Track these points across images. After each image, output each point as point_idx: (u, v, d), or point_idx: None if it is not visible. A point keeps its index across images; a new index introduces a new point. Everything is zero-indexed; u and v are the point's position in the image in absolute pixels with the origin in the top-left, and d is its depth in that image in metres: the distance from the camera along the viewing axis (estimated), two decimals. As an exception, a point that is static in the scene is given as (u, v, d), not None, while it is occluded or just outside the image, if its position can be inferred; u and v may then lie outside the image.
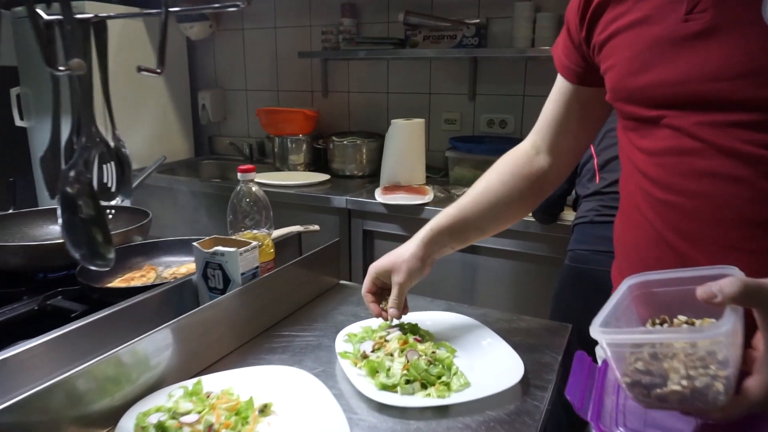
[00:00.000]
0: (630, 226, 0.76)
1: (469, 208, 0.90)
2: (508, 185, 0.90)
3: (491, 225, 0.93)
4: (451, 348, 0.87)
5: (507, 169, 0.92)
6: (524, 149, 0.93)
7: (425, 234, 0.89)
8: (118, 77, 2.50)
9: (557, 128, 0.88)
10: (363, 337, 0.89)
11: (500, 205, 0.90)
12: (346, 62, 2.54)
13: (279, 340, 0.94)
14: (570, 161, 0.93)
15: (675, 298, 0.58)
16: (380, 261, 0.90)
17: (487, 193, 0.90)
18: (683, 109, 0.64)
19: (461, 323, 0.96)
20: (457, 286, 1.95)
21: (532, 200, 0.95)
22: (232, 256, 0.90)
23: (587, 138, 0.91)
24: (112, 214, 1.52)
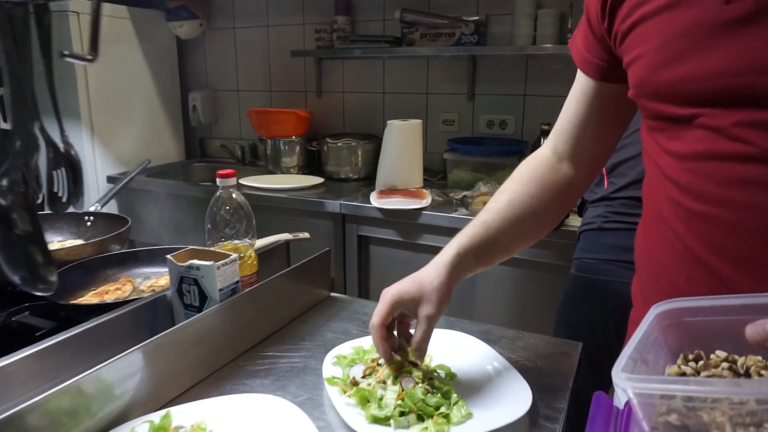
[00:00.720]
0: (656, 240, 0.68)
1: (496, 226, 0.79)
2: (535, 197, 0.80)
3: (519, 243, 0.82)
4: (451, 372, 0.79)
5: (531, 179, 0.82)
6: (545, 156, 0.83)
7: (451, 258, 0.76)
8: (107, 77, 2.43)
9: (579, 132, 0.79)
10: (353, 360, 0.80)
11: (529, 219, 0.80)
12: (340, 61, 2.46)
13: (262, 362, 0.86)
14: (595, 168, 0.83)
15: (712, 328, 0.50)
16: (402, 287, 0.75)
17: (513, 207, 0.79)
18: (721, 107, 0.55)
19: (462, 342, 0.88)
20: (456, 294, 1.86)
21: (559, 213, 0.85)
22: (208, 271, 0.82)
23: (612, 141, 0.81)
24: (90, 221, 1.44)
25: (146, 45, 2.56)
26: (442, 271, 0.75)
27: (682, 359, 0.49)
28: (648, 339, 0.50)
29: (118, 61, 2.45)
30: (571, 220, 1.59)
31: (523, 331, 0.95)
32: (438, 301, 0.73)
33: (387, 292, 0.75)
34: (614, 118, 0.77)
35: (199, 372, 0.81)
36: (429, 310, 0.73)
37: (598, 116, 0.78)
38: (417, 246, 1.86)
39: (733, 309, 0.47)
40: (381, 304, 0.75)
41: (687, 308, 0.52)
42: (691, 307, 0.51)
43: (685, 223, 0.61)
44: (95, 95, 2.36)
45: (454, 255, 0.76)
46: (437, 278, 0.74)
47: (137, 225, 2.53)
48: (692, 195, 0.60)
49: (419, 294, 0.74)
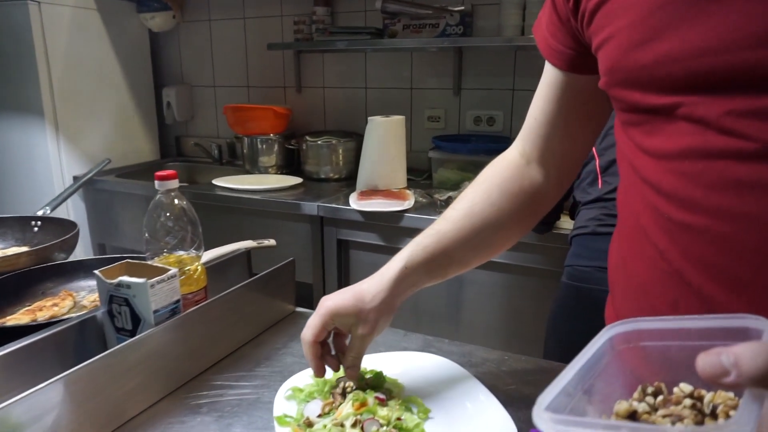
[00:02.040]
0: (634, 257, 0.57)
1: (451, 237, 0.70)
2: (496, 206, 0.71)
3: (476, 255, 0.74)
4: (425, 407, 0.67)
5: (494, 186, 0.72)
6: (512, 159, 0.74)
7: (397, 272, 0.68)
8: (73, 71, 2.29)
9: (547, 131, 0.70)
10: (311, 393, 0.69)
11: (488, 231, 0.71)
12: (320, 55, 2.34)
13: (206, 394, 0.74)
14: (569, 170, 0.74)
15: (680, 355, 0.39)
16: (339, 300, 0.68)
17: (471, 217, 0.71)
18: (710, 93, 0.45)
19: (439, 369, 0.76)
20: (441, 302, 1.75)
21: (526, 222, 0.75)
22: (140, 289, 0.70)
23: (588, 140, 0.71)
24: (38, 226, 1.31)
25: (116, 38, 2.43)
26: (385, 286, 0.68)
27: (640, 392, 0.39)
28: (596, 366, 0.39)
29: (84, 54, 2.31)
30: (563, 222, 1.48)
31: (509, 353, 0.84)
32: (374, 322, 0.67)
33: (323, 305, 0.68)
34: (587, 114, 0.68)
35: (128, 409, 0.69)
36: (363, 330, 0.67)
37: (568, 113, 0.68)
38: (398, 251, 1.74)
39: (705, 332, 0.37)
40: (315, 318, 0.68)
41: (648, 330, 0.41)
42: (654, 330, 0.41)
43: (670, 237, 0.51)
44: (60, 90, 2.23)
45: (401, 269, 0.69)
46: (378, 295, 0.67)
47: (110, 229, 2.42)
48: (677, 202, 0.49)
49: (356, 311, 0.67)
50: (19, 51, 2.14)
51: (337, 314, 0.67)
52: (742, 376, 0.30)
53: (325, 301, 0.68)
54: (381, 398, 0.65)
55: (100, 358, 0.65)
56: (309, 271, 1.89)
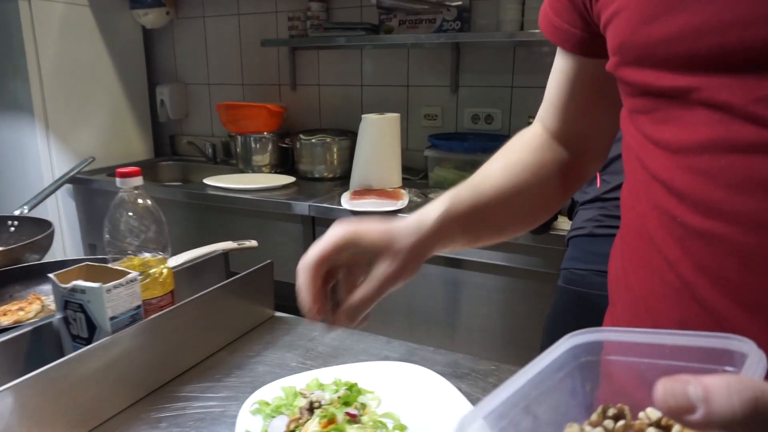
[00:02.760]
0: (638, 267, 0.51)
1: (488, 195, 0.60)
2: (532, 170, 0.62)
3: (511, 221, 0.64)
4: (401, 424, 0.62)
5: (527, 150, 0.65)
6: (537, 132, 0.67)
7: (438, 216, 0.56)
8: (64, 68, 2.25)
9: (567, 115, 0.64)
10: (278, 408, 0.64)
11: (525, 195, 0.62)
12: (315, 52, 2.29)
13: (169, 407, 0.69)
14: (596, 153, 0.66)
15: (648, 376, 0.33)
16: (365, 226, 0.54)
17: (509, 176, 0.61)
18: (736, 73, 0.38)
19: (420, 381, 0.71)
20: (434, 305, 1.69)
21: (560, 194, 0.66)
22: (95, 294, 0.65)
23: (612, 123, 0.61)
24: (15, 226, 1.27)
25: (108, 34, 2.38)
26: (423, 229, 0.55)
27: (599, 414, 0.33)
28: (549, 380, 0.33)
29: (76, 51, 2.27)
30: (560, 222, 1.42)
31: (497, 363, 0.79)
32: (403, 263, 0.53)
33: (340, 225, 0.54)
34: (605, 100, 0.60)
35: (82, 423, 0.64)
36: (389, 269, 0.52)
37: (586, 100, 0.61)
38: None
39: (681, 351, 0.31)
40: (327, 237, 0.53)
41: (616, 343, 0.35)
42: (623, 342, 0.35)
43: (681, 246, 0.44)
44: (50, 88, 2.18)
45: (443, 213, 0.56)
46: (414, 236, 0.54)
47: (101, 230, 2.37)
48: (692, 205, 0.42)
49: (384, 243, 0.53)
50: (8, 47, 2.10)
51: (358, 239, 0.52)
52: (712, 415, 0.24)
53: (342, 223, 0.54)
54: (352, 414, 0.60)
55: (51, 368, 0.60)
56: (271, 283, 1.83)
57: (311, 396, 0.62)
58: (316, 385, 0.68)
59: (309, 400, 0.61)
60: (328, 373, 0.71)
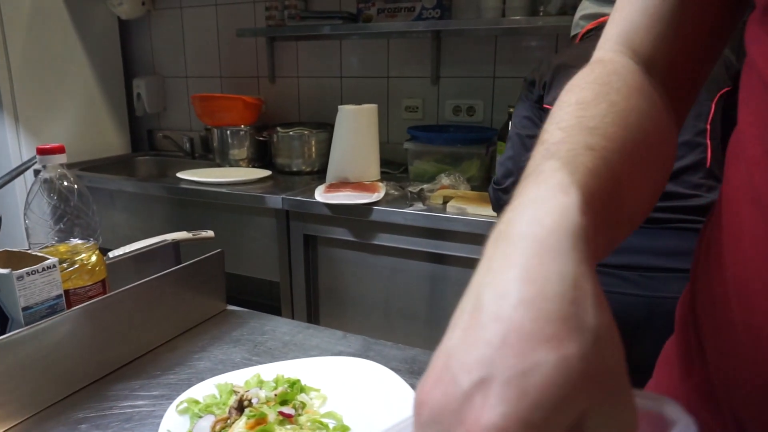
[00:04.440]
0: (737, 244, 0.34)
1: (617, 150, 0.34)
2: (653, 120, 0.39)
3: (645, 207, 0.39)
4: (344, 425, 0.56)
5: (633, 91, 0.39)
6: (631, 66, 0.43)
7: (577, 227, 0.25)
8: (35, 59, 2.17)
9: (674, 31, 0.43)
10: (208, 407, 0.57)
11: (655, 160, 0.39)
12: (294, 43, 2.23)
13: (94, 407, 0.62)
14: (692, 96, 0.46)
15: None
16: None
17: (634, 134, 0.36)
18: None
19: (371, 378, 0.65)
20: (421, 305, 1.63)
21: (674, 154, 0.44)
22: (4, 282, 0.58)
23: (713, 56, 0.45)
24: (-38, 218, 1.20)
25: (81, 25, 2.31)
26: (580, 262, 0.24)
27: None
28: None
29: (47, 42, 2.19)
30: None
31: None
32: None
33: None
34: (712, 18, 0.43)
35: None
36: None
37: (685, 14, 0.42)
38: (370, 246, 1.63)
39: None
40: None
41: None
42: None
43: None
44: (20, 80, 2.11)
45: (580, 216, 0.26)
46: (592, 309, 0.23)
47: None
48: None
49: None
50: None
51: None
52: None
53: None
54: (287, 414, 0.53)
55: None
56: (275, 268, 1.78)
57: (244, 394, 0.56)
58: (257, 383, 0.62)
59: (239, 398, 0.55)
60: (271, 369, 0.65)
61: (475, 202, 1.51)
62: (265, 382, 0.62)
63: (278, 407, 0.54)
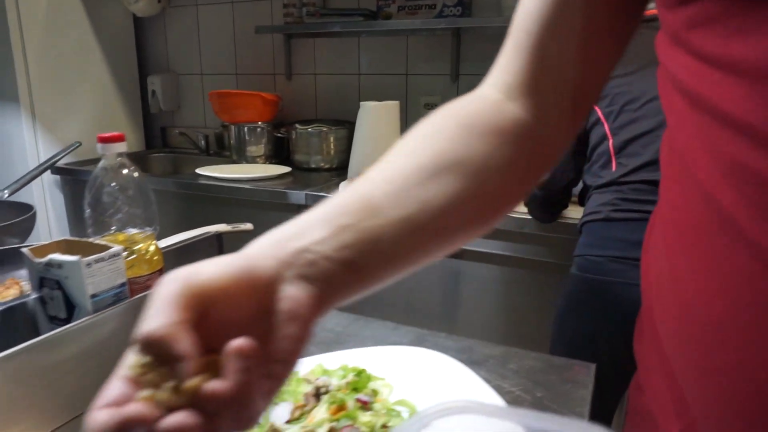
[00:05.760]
0: (701, 256, 0.36)
1: (387, 204, 0.37)
2: (482, 146, 0.42)
3: (432, 243, 0.40)
4: (417, 412, 0.55)
5: (457, 123, 0.44)
6: (482, 95, 0.48)
7: (260, 241, 0.36)
8: (51, 56, 2.16)
9: (551, 45, 0.44)
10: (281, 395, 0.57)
11: (465, 187, 0.40)
12: (311, 40, 2.23)
13: (157, 396, 0.62)
14: (580, 104, 0.46)
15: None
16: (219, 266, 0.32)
17: (427, 166, 0.40)
18: None
19: (435, 367, 0.65)
20: (433, 298, 1.63)
21: (525, 178, 0.46)
22: (73, 269, 0.58)
23: (604, 69, 0.46)
24: (-6, 210, 1.19)
25: (97, 23, 2.31)
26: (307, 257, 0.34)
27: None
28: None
29: (64, 39, 2.19)
30: (570, 211, 1.37)
31: (515, 348, 0.72)
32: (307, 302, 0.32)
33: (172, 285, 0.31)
34: (609, 27, 0.44)
35: (60, 413, 0.57)
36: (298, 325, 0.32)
37: (584, 21, 0.43)
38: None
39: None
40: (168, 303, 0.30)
41: None
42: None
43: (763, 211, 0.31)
44: (37, 76, 2.10)
45: (297, 252, 0.34)
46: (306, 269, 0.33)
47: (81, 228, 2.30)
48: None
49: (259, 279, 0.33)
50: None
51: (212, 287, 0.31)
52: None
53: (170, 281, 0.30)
54: (364, 401, 0.53)
55: (22, 350, 0.54)
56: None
57: (317, 381, 0.56)
58: (321, 372, 0.61)
59: (315, 385, 0.55)
60: (333, 358, 0.65)
61: (501, 199, 1.50)
62: (331, 371, 0.62)
63: (353, 394, 0.54)
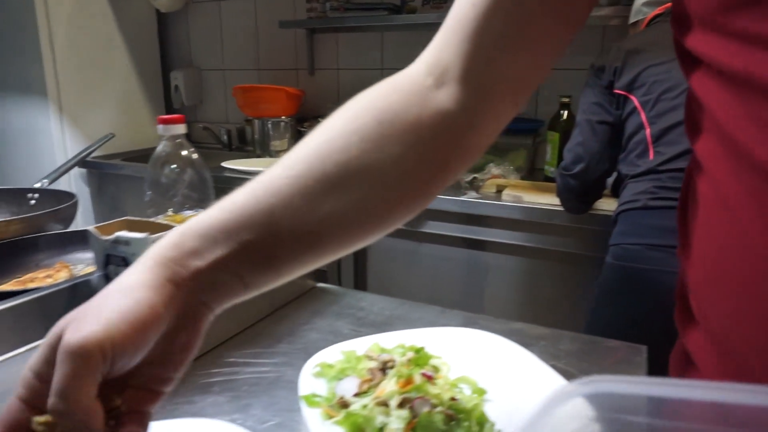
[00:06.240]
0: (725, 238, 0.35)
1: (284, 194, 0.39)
2: (377, 142, 0.40)
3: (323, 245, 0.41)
4: (479, 388, 0.56)
5: (369, 115, 0.42)
6: (408, 77, 0.47)
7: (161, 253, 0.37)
8: (77, 51, 2.19)
9: (490, 30, 0.40)
10: (343, 370, 0.58)
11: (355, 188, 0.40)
12: (334, 35, 2.24)
13: (219, 372, 0.63)
14: (514, 99, 0.43)
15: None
16: (102, 325, 0.32)
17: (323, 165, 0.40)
18: None
19: (489, 346, 0.65)
20: (457, 291, 1.64)
21: (429, 177, 0.43)
22: (141, 245, 0.59)
23: (552, 55, 0.43)
24: (35, 199, 1.21)
25: (122, 18, 2.33)
26: (148, 283, 0.36)
27: None
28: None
29: (89, 34, 2.21)
30: (601, 203, 1.36)
31: (564, 330, 0.73)
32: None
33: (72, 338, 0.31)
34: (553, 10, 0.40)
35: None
36: None
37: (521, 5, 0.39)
38: (420, 234, 1.64)
39: (743, 415, 0.21)
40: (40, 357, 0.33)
41: (631, 397, 0.24)
42: (640, 396, 0.24)
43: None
44: (63, 70, 2.13)
45: (168, 246, 0.37)
46: (141, 303, 0.34)
47: (114, 213, 2.32)
48: None
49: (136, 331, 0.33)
50: (22, 29, 2.05)
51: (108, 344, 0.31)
52: None
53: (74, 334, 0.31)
54: (428, 375, 0.54)
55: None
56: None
57: (381, 357, 0.57)
58: (379, 350, 0.62)
59: (381, 360, 0.56)
60: (389, 338, 0.66)
61: (530, 191, 1.51)
62: (387, 349, 0.62)
63: (418, 369, 0.55)
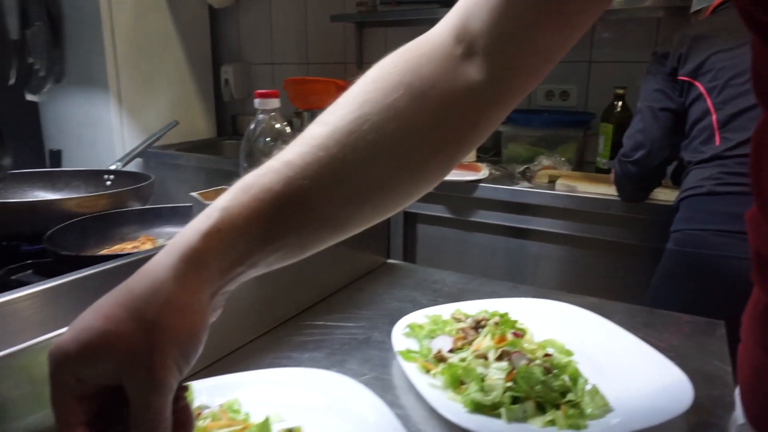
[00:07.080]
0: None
1: (315, 169, 0.38)
2: (406, 116, 0.40)
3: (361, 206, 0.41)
4: (566, 350, 0.58)
5: (419, 92, 0.40)
6: (440, 43, 0.43)
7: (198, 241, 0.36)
8: (136, 44, 2.28)
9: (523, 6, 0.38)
10: (432, 331, 0.61)
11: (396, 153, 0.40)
12: (383, 29, 2.27)
13: (311, 332, 0.67)
14: (533, 78, 0.42)
15: None
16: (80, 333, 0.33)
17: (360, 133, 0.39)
18: None
19: (568, 314, 0.67)
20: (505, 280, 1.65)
21: (457, 148, 0.44)
22: (245, 210, 0.63)
23: (575, 34, 0.40)
24: (111, 180, 1.28)
25: (177, 13, 2.42)
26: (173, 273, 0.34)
27: None
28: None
29: (147, 28, 2.30)
30: (658, 192, 1.36)
31: (641, 306, 0.74)
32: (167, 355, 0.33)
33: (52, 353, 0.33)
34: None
35: (229, 341, 0.62)
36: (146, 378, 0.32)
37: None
38: (469, 224, 1.66)
39: None
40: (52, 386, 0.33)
41: None
42: None
43: None
44: (123, 64, 2.22)
45: (209, 233, 0.36)
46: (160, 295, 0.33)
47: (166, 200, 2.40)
48: None
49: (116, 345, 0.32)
50: (86, 23, 2.15)
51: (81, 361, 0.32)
52: None
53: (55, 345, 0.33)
54: (518, 334, 0.56)
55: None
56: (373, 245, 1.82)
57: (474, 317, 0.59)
58: (464, 315, 0.65)
59: (474, 318, 0.58)
60: (470, 305, 0.68)
61: (583, 181, 1.51)
62: (471, 315, 0.65)
63: (508, 329, 0.57)
